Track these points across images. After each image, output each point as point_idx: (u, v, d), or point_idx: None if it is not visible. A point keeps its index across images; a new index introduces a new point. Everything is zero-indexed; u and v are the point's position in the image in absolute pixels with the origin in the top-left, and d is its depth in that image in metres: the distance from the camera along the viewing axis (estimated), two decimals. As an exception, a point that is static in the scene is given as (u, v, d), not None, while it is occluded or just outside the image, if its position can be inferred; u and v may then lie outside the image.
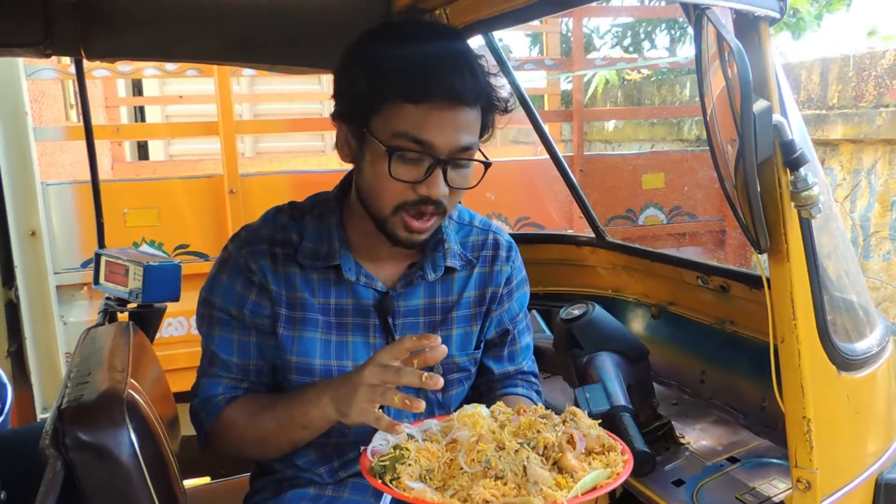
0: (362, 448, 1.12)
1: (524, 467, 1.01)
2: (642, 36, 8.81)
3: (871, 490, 1.18)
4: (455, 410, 1.38)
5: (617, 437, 1.12)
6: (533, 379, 1.52)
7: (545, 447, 1.05)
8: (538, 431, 1.07)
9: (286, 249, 1.30)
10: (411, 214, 1.20)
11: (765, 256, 1.03)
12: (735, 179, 0.96)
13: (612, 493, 1.75)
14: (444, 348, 1.15)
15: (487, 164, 1.24)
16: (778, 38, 7.12)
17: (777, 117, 0.93)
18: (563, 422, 1.13)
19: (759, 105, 0.89)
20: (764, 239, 0.97)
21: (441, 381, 1.11)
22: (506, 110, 1.26)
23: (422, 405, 1.10)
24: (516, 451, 1.03)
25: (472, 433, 1.07)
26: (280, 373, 1.33)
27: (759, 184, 0.97)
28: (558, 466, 1.04)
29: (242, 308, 1.29)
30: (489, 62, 1.35)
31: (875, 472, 1.19)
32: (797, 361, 0.99)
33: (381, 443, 1.12)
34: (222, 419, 1.30)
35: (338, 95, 1.25)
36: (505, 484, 1.00)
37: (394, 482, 1.02)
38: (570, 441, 1.07)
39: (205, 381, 1.33)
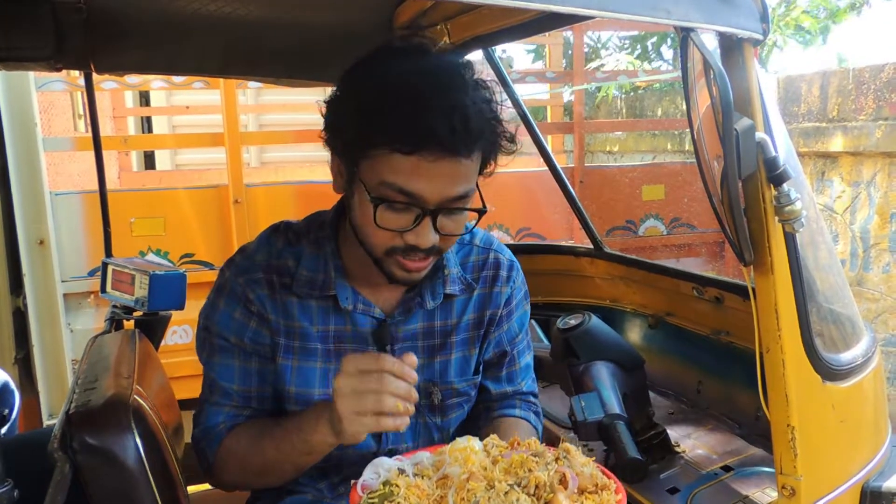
0: (352, 482, 1.10)
1: None
2: (650, 47, 8.85)
3: (857, 498, 1.20)
4: (454, 432, 1.37)
5: (611, 475, 1.10)
6: (532, 399, 1.49)
7: (536, 486, 1.03)
8: (529, 470, 1.05)
9: (283, 278, 1.27)
10: (404, 257, 1.17)
11: (751, 268, 1.06)
12: (721, 194, 0.99)
13: None
14: (415, 376, 1.09)
15: (482, 212, 1.19)
16: (785, 50, 7.14)
17: (760, 135, 0.96)
18: (557, 459, 1.10)
19: (742, 123, 0.92)
20: (748, 252, 1.00)
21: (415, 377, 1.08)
22: (510, 152, 1.21)
23: (412, 409, 1.08)
24: (506, 492, 1.01)
25: (462, 470, 1.05)
26: (280, 401, 1.31)
27: (744, 199, 0.99)
28: None
29: (242, 336, 1.27)
30: (490, 76, 1.35)
31: (861, 479, 1.20)
32: (781, 371, 1.01)
33: (371, 476, 1.10)
34: (224, 448, 1.28)
35: (328, 128, 1.19)
36: None
37: None
38: (563, 481, 1.04)
39: (207, 408, 1.31)
